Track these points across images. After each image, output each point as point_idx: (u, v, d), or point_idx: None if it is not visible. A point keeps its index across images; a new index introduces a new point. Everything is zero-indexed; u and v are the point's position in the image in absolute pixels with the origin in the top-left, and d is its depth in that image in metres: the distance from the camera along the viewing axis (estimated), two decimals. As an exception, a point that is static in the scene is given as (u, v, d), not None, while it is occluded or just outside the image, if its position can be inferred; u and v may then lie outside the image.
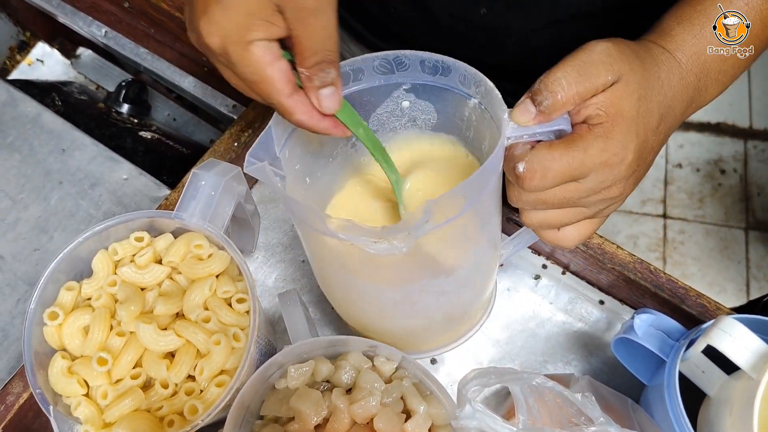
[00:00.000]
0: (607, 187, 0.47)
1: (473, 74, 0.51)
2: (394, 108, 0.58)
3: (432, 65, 0.53)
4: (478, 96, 0.52)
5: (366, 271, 0.53)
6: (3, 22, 1.09)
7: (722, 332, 0.49)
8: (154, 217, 0.57)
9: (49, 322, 0.54)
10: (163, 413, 0.52)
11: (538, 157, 0.45)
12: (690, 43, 0.50)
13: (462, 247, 0.54)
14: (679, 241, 1.86)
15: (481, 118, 0.54)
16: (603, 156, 0.45)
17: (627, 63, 0.46)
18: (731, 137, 1.98)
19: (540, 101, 0.45)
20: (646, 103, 0.47)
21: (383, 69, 0.54)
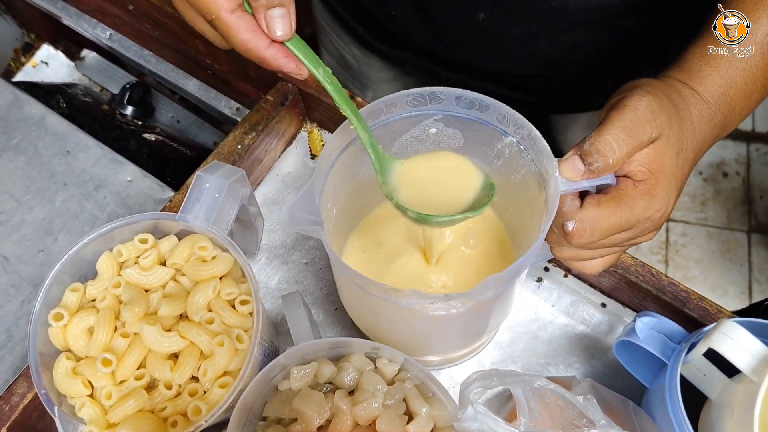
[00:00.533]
0: (645, 234, 0.50)
1: (515, 117, 0.52)
2: (421, 134, 0.58)
3: (468, 102, 0.53)
4: (517, 136, 0.53)
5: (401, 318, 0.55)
6: (8, 24, 1.09)
7: (723, 335, 0.49)
8: (158, 219, 0.57)
9: (53, 323, 0.54)
10: (167, 414, 0.53)
11: (587, 216, 0.46)
12: (718, 84, 0.51)
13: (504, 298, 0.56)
14: (681, 243, 1.86)
15: (516, 155, 0.55)
16: (647, 213, 0.47)
17: (667, 117, 0.47)
18: (734, 140, 1.98)
19: (590, 162, 0.46)
20: (683, 154, 0.49)
21: (416, 102, 0.54)
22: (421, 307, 0.48)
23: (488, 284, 0.46)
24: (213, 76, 0.88)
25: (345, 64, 0.99)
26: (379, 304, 0.53)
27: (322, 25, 0.98)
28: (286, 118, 0.76)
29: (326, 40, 1.00)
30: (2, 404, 0.60)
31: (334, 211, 0.59)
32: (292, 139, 0.81)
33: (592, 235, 0.47)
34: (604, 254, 0.52)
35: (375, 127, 0.55)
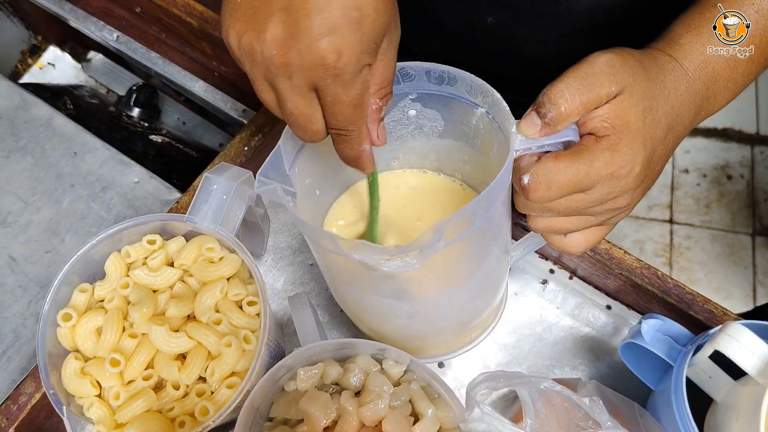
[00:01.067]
0: (614, 197, 0.47)
1: (480, 85, 0.51)
2: (401, 117, 0.58)
3: (438, 75, 0.53)
4: (486, 106, 0.53)
5: (379, 287, 0.54)
6: (15, 26, 1.10)
7: (729, 338, 0.49)
8: (166, 220, 0.57)
9: (62, 324, 0.54)
10: (175, 414, 0.53)
11: (543, 168, 0.45)
12: (698, 51, 0.49)
13: (474, 259, 0.54)
14: (685, 246, 1.85)
15: (489, 126, 0.54)
16: (609, 168, 0.45)
17: (630, 73, 0.46)
18: (738, 143, 1.98)
19: (544, 113, 0.45)
20: (651, 113, 0.47)
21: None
22: (375, 262, 0.47)
23: (436, 229, 0.43)
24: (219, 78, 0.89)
25: None
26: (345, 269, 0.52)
27: None
28: (292, 119, 0.77)
29: None
30: (10, 404, 0.60)
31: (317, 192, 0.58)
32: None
33: (549, 189, 0.45)
34: (577, 225, 0.50)
35: None
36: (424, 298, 0.55)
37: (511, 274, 0.74)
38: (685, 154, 1.97)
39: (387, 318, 0.59)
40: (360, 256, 0.46)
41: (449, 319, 0.60)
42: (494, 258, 0.56)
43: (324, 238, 0.47)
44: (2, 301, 0.76)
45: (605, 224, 0.51)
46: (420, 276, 0.51)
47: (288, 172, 0.50)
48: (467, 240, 0.48)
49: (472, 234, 0.47)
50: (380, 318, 0.60)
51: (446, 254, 0.48)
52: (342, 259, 0.50)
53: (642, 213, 1.90)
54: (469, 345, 0.69)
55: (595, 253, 0.67)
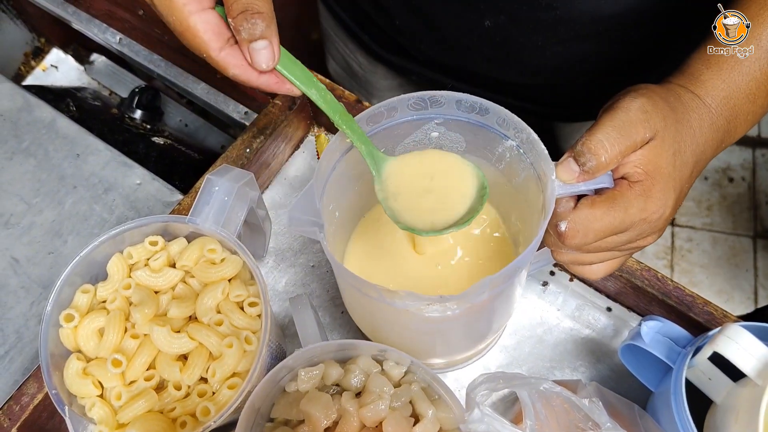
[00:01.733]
0: (644, 237, 0.49)
1: (514, 121, 0.52)
2: (422, 138, 0.58)
3: (468, 105, 0.54)
4: (517, 140, 0.53)
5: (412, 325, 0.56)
6: (19, 28, 1.11)
7: (728, 339, 0.49)
8: (168, 221, 0.58)
9: (64, 324, 0.55)
10: (176, 414, 0.53)
11: (580, 217, 0.46)
12: (720, 88, 0.51)
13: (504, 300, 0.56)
14: (686, 249, 1.85)
15: (517, 158, 0.55)
16: (643, 214, 0.46)
17: (662, 118, 0.47)
18: (739, 146, 1.98)
19: (584, 162, 0.46)
20: (681, 156, 0.48)
21: (417, 106, 0.55)
22: (417, 308, 0.49)
23: (483, 285, 0.46)
24: (221, 80, 0.89)
25: (351, 71, 0.99)
26: (378, 306, 0.53)
27: (329, 32, 0.98)
28: (293, 122, 0.77)
29: (332, 48, 1.00)
30: (12, 404, 0.60)
31: (336, 213, 0.59)
32: (299, 143, 0.82)
33: (586, 236, 0.46)
34: (603, 258, 0.52)
35: (376, 131, 0.55)
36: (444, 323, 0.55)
37: (511, 276, 0.75)
38: (686, 157, 1.97)
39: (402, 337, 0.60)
40: (403, 304, 0.47)
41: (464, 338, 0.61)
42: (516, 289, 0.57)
43: (369, 289, 0.48)
44: (5, 302, 0.76)
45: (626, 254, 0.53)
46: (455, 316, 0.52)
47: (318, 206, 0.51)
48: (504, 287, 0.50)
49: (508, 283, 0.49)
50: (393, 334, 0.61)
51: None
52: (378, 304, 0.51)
53: (643, 215, 1.89)
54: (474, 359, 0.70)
55: (595, 255, 0.67)
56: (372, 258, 0.65)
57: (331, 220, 0.58)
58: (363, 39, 0.87)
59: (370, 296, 0.50)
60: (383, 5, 0.76)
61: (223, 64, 0.48)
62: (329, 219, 0.56)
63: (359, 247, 0.65)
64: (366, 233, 0.66)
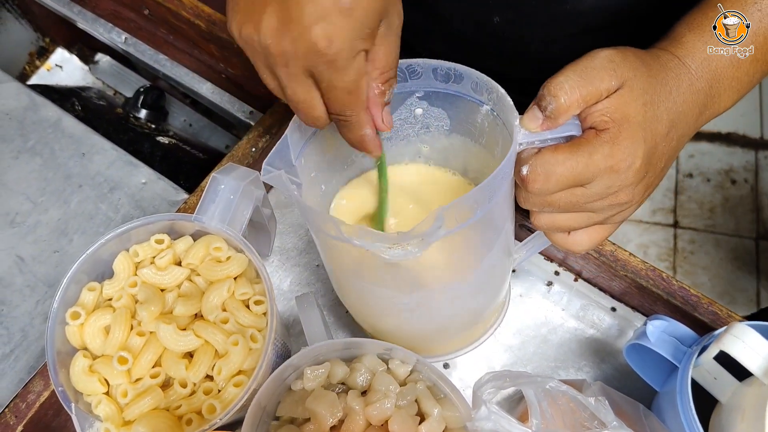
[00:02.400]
0: (614, 192, 0.47)
1: (485, 81, 0.51)
2: (408, 115, 0.58)
3: (444, 73, 0.53)
4: (491, 103, 0.53)
5: (381, 276, 0.54)
6: (23, 28, 1.11)
7: (735, 338, 0.49)
8: (174, 219, 0.58)
9: (71, 322, 0.55)
10: (182, 412, 0.53)
11: (542, 160, 0.45)
12: (700, 50, 0.50)
13: (475, 252, 0.54)
14: (689, 250, 1.85)
15: (494, 124, 0.54)
16: (609, 161, 0.45)
17: (631, 69, 0.46)
18: (742, 147, 1.98)
19: (545, 106, 0.45)
20: (653, 108, 0.47)
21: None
22: (377, 249, 0.47)
23: (437, 216, 0.44)
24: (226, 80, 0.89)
25: None
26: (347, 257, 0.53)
27: None
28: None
29: None
30: (19, 402, 0.60)
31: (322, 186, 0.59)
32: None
33: (547, 180, 0.45)
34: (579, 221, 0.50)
35: None
36: (425, 290, 0.55)
37: (516, 275, 0.75)
38: (689, 159, 1.97)
39: (389, 312, 0.59)
40: (361, 242, 0.46)
41: (451, 316, 0.60)
42: (496, 254, 0.56)
43: (327, 224, 0.47)
44: (11, 301, 0.76)
45: (608, 222, 0.51)
46: (421, 265, 0.51)
47: (294, 163, 0.51)
48: (468, 230, 0.48)
49: (473, 224, 0.47)
50: (381, 312, 0.60)
51: (447, 243, 0.49)
52: (344, 247, 0.50)
53: (646, 217, 1.90)
54: (472, 345, 0.69)
55: (600, 255, 0.67)
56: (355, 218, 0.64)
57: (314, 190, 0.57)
58: None
59: (329, 234, 0.48)
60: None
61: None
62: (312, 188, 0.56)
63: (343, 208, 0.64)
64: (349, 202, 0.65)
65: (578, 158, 0.45)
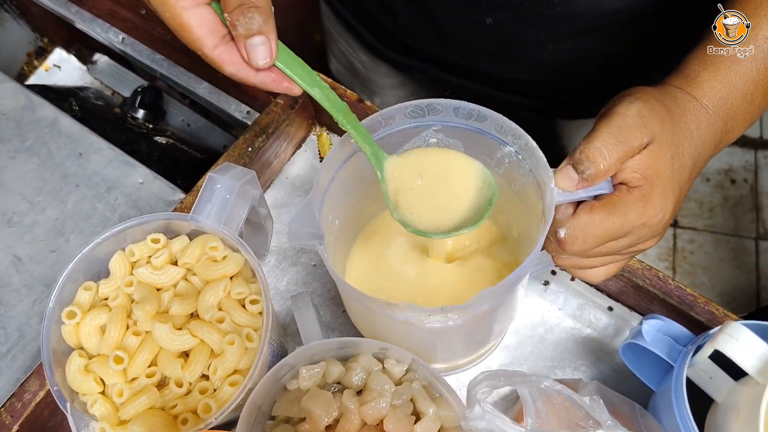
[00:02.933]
0: (644, 241, 0.49)
1: (512, 128, 0.52)
2: (421, 144, 0.58)
3: (466, 113, 0.54)
4: (516, 146, 0.53)
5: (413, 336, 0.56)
6: (22, 28, 1.11)
7: (729, 337, 0.49)
8: (170, 219, 0.58)
9: (67, 321, 0.55)
10: (178, 411, 0.53)
11: (579, 223, 0.47)
12: (716, 89, 0.51)
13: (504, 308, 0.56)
14: (688, 250, 1.85)
15: (516, 164, 0.55)
16: (642, 219, 0.46)
17: (659, 122, 0.47)
18: (741, 147, 1.98)
19: (582, 170, 0.46)
20: (679, 159, 0.48)
21: (415, 114, 0.55)
22: (418, 320, 0.49)
23: (483, 297, 0.46)
24: (224, 80, 0.89)
25: (353, 70, 1.00)
26: (380, 318, 0.53)
27: (331, 31, 0.99)
28: (295, 121, 0.77)
29: (334, 47, 1.01)
30: (15, 401, 0.60)
31: (336, 222, 0.59)
32: (301, 143, 0.82)
33: (585, 242, 0.47)
34: (605, 263, 0.52)
35: (374, 139, 0.55)
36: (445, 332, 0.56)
37: (513, 275, 0.75)
38: (688, 159, 1.97)
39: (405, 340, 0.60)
40: (404, 316, 0.48)
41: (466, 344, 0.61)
42: (517, 296, 0.57)
43: (370, 302, 0.49)
44: (7, 300, 0.76)
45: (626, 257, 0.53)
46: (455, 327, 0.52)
47: (318, 218, 0.51)
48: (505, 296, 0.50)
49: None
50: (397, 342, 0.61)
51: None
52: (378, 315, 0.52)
53: (645, 217, 1.89)
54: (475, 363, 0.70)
55: (596, 255, 0.67)
56: (373, 267, 0.65)
57: (331, 230, 0.58)
58: (366, 37, 0.87)
59: (371, 309, 0.50)
60: (387, 3, 0.76)
61: (218, 61, 0.48)
62: (329, 229, 0.56)
63: (360, 257, 0.66)
64: (367, 242, 0.66)
65: (614, 219, 0.46)
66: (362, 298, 0.49)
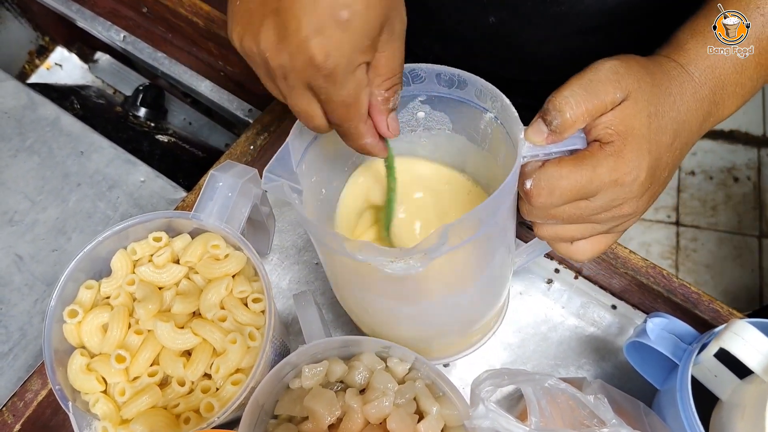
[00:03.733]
0: (618, 205, 0.47)
1: (489, 89, 0.51)
2: (409, 119, 0.58)
3: (448, 78, 0.53)
4: (494, 111, 0.53)
5: (382, 288, 0.54)
6: (23, 26, 1.11)
7: (735, 335, 0.49)
8: (172, 217, 0.58)
9: (68, 320, 0.55)
10: (180, 410, 0.53)
11: (546, 174, 0.45)
12: (703, 56, 0.49)
13: (477, 264, 0.54)
14: (691, 248, 1.85)
15: (497, 132, 0.54)
16: (613, 175, 0.45)
17: (635, 80, 0.46)
18: (744, 145, 1.97)
19: (550, 120, 0.45)
20: (657, 119, 0.46)
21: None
22: (379, 263, 0.47)
23: (441, 234, 0.44)
24: (225, 78, 0.89)
25: None
26: (349, 270, 0.53)
27: None
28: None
29: None
30: (17, 401, 0.60)
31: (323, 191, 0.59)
32: (303, 141, 0.82)
33: (551, 195, 0.45)
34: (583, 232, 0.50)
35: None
36: (426, 301, 0.55)
37: (515, 273, 0.74)
38: (691, 156, 1.97)
39: (389, 321, 0.59)
40: (364, 257, 0.46)
41: (452, 323, 0.60)
42: (498, 263, 0.56)
43: (329, 238, 0.48)
44: (9, 299, 0.76)
45: (612, 232, 0.51)
46: (423, 279, 0.51)
47: (295, 169, 0.51)
48: (472, 245, 0.48)
49: (476, 239, 0.48)
50: (382, 321, 0.60)
51: (450, 258, 0.49)
52: (347, 260, 0.50)
53: (648, 215, 1.89)
54: (472, 347, 0.69)
55: (600, 252, 0.67)
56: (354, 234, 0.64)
57: (315, 194, 0.57)
58: None
59: (331, 248, 0.49)
60: None
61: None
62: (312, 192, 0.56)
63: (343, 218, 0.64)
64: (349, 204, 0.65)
65: (582, 172, 0.45)
66: (323, 234, 0.48)
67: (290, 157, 0.50)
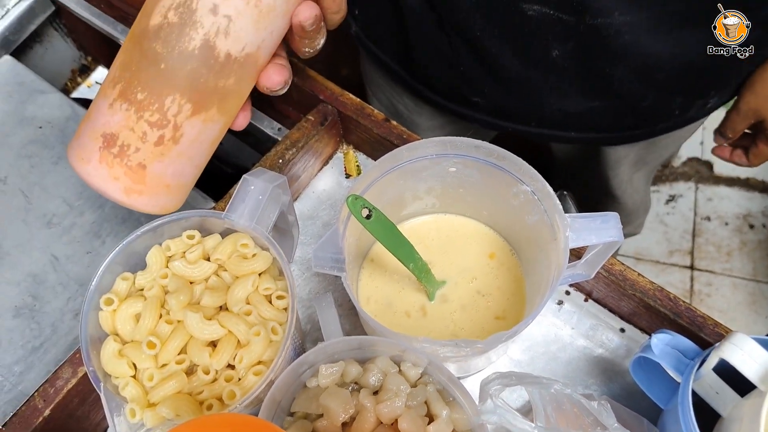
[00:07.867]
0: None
1: (530, 172, 0.57)
2: (441, 171, 0.64)
3: (486, 151, 0.59)
4: (532, 187, 0.58)
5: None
6: (68, 46, 1.17)
7: (734, 346, 0.51)
8: (205, 216, 0.61)
9: (104, 307, 0.58)
10: (204, 397, 0.56)
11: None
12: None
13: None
14: (706, 293, 1.85)
15: (531, 201, 0.60)
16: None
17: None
18: (760, 192, 1.99)
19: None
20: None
21: (437, 148, 0.60)
22: (432, 350, 0.54)
23: (498, 338, 0.52)
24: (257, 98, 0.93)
25: (396, 112, 1.03)
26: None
27: (372, 76, 1.01)
28: (324, 137, 0.81)
29: (377, 91, 1.04)
30: (48, 387, 0.63)
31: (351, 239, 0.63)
32: (328, 159, 0.86)
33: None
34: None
35: (398, 167, 0.61)
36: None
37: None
38: (707, 202, 1.98)
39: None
40: (420, 347, 0.54)
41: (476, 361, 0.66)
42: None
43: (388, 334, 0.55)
44: (43, 297, 0.80)
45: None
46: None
47: (341, 244, 0.57)
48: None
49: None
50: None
51: None
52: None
53: (663, 258, 1.90)
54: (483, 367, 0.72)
55: (609, 274, 0.69)
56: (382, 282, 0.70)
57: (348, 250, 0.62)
58: (417, 88, 0.89)
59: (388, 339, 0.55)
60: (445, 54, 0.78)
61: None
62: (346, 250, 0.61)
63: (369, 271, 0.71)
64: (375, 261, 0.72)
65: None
66: (382, 330, 0.55)
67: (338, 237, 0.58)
